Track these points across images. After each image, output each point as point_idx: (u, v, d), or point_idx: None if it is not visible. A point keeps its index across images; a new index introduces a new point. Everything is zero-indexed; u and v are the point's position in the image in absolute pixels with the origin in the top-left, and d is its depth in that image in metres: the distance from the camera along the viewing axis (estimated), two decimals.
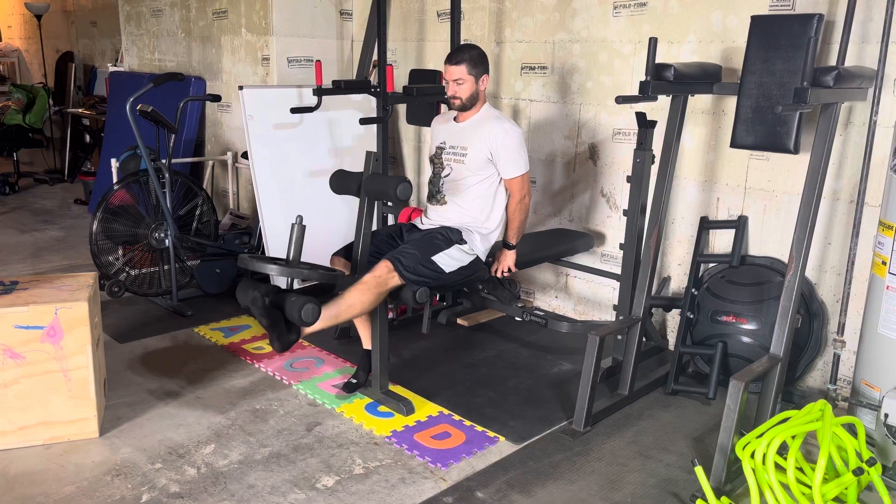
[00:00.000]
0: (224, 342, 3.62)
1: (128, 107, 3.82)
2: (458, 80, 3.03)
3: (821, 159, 2.59)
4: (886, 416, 2.48)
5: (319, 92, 3.82)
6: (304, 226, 2.68)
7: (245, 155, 4.84)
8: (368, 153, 2.84)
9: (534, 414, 2.99)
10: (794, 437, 2.36)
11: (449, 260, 2.97)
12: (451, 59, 3.04)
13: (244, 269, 2.63)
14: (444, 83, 3.12)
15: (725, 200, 3.39)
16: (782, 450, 2.43)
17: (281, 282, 2.92)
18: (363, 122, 3.89)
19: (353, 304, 2.76)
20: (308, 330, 2.70)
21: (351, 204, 4.44)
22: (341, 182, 2.95)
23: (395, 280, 2.81)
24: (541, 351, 3.64)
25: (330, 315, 2.71)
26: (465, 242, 3.04)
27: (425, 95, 3.85)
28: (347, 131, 4.45)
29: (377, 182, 2.81)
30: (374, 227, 4.06)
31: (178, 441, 2.72)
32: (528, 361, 3.51)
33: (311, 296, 2.63)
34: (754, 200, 3.29)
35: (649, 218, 3.14)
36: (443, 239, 3.00)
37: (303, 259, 2.74)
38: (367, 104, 4.46)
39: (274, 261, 2.71)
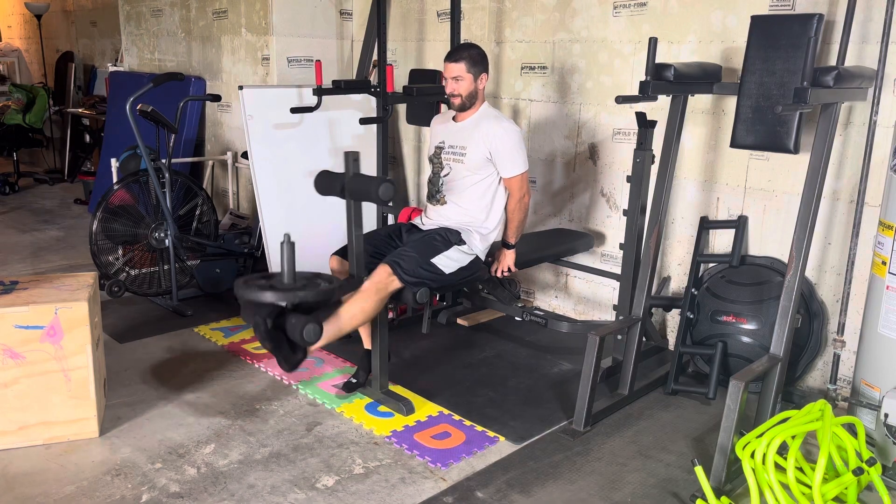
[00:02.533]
0: (224, 342, 3.62)
1: (128, 107, 3.82)
2: (457, 78, 3.03)
3: (821, 159, 2.59)
4: (886, 416, 2.48)
5: (319, 92, 3.82)
6: (293, 243, 2.53)
7: (245, 155, 4.84)
8: (347, 153, 2.73)
9: (534, 414, 2.99)
10: (794, 437, 2.36)
11: (448, 261, 2.97)
12: (451, 57, 3.05)
13: (239, 295, 2.54)
14: (443, 81, 3.12)
15: (725, 200, 3.39)
16: (782, 450, 2.43)
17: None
18: (363, 122, 3.90)
19: (355, 314, 2.74)
20: (313, 347, 2.64)
21: None
22: (325, 183, 2.83)
23: (395, 284, 2.81)
24: (541, 351, 3.64)
25: (333, 329, 2.68)
26: (464, 243, 3.04)
27: (425, 95, 3.86)
28: (347, 131, 4.45)
29: (359, 182, 2.71)
30: (374, 227, 4.08)
31: (178, 441, 2.72)
32: (528, 361, 3.51)
33: (312, 312, 2.56)
34: (754, 200, 3.29)
35: (649, 218, 3.14)
36: (441, 240, 3.00)
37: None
38: (367, 104, 4.46)
39: (271, 283, 2.55)
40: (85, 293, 2.70)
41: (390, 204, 2.79)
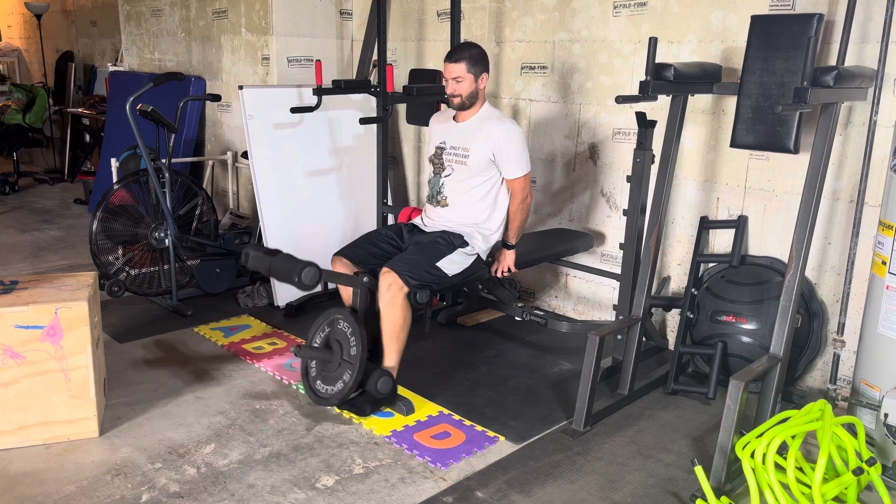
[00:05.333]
0: (224, 342, 3.62)
1: (128, 106, 3.82)
2: (458, 78, 3.03)
3: (821, 159, 2.59)
4: (886, 415, 2.48)
5: (319, 92, 3.82)
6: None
7: (245, 155, 4.84)
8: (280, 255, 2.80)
9: (534, 414, 2.99)
10: (793, 437, 2.36)
11: (452, 265, 2.98)
12: (451, 57, 3.04)
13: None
14: (444, 82, 3.12)
15: (725, 200, 3.39)
16: (782, 450, 2.43)
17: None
18: (363, 121, 3.89)
19: (395, 325, 2.88)
20: (395, 373, 2.95)
21: (351, 204, 4.44)
22: (255, 260, 2.82)
23: (405, 288, 2.85)
24: (541, 351, 3.64)
25: (392, 353, 2.93)
26: (468, 245, 3.04)
27: (425, 95, 3.85)
28: (347, 131, 4.45)
29: (284, 263, 2.74)
30: (374, 228, 4.08)
31: (178, 441, 2.72)
32: (528, 361, 3.51)
33: (371, 364, 2.88)
34: (754, 200, 3.29)
35: (649, 218, 3.14)
36: (445, 244, 3.00)
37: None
38: (367, 104, 4.46)
39: (328, 384, 2.91)
40: (85, 293, 2.70)
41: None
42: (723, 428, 2.44)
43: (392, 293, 2.83)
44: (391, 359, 2.92)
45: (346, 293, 3.07)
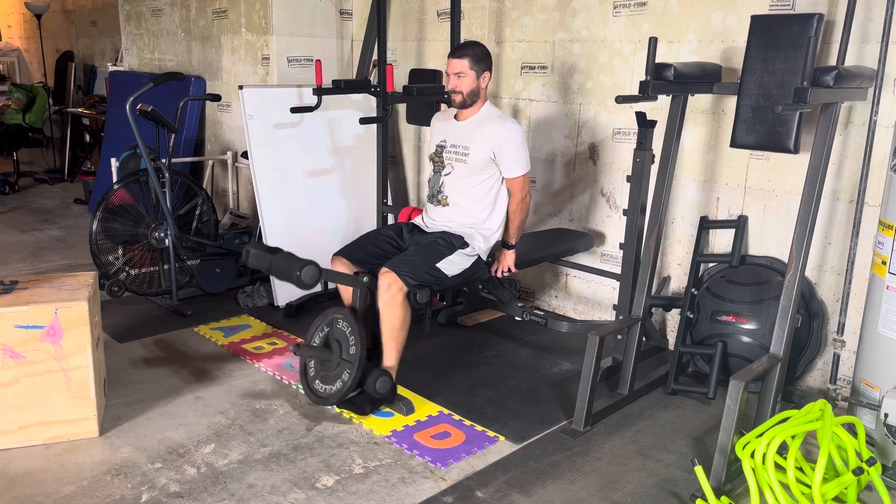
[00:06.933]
0: (224, 342, 3.62)
1: (128, 106, 3.82)
2: (459, 74, 3.03)
3: (821, 159, 2.59)
4: (886, 415, 2.48)
5: (319, 91, 3.82)
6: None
7: (245, 155, 4.84)
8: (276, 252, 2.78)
9: (534, 414, 2.99)
10: (793, 437, 2.36)
11: (452, 266, 2.98)
12: (455, 53, 3.05)
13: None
14: (445, 77, 3.12)
15: (725, 200, 3.39)
16: (782, 449, 2.43)
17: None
18: (363, 121, 3.89)
19: (394, 325, 2.88)
20: (394, 374, 2.94)
21: (351, 204, 4.44)
22: (256, 258, 2.80)
23: (405, 287, 2.85)
24: (541, 351, 3.64)
25: (392, 353, 2.92)
26: (468, 246, 3.04)
27: (425, 95, 3.85)
28: (347, 131, 4.45)
29: (283, 262, 2.73)
30: (374, 227, 4.08)
31: (177, 441, 2.72)
32: (528, 361, 3.51)
33: (369, 359, 2.89)
34: (754, 200, 3.29)
35: (649, 218, 3.14)
36: (445, 245, 3.00)
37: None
38: (367, 104, 4.46)
39: (326, 385, 2.90)
40: (85, 293, 2.71)
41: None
42: (723, 428, 2.44)
43: (391, 293, 2.83)
44: (390, 358, 2.92)
45: (346, 293, 3.07)
